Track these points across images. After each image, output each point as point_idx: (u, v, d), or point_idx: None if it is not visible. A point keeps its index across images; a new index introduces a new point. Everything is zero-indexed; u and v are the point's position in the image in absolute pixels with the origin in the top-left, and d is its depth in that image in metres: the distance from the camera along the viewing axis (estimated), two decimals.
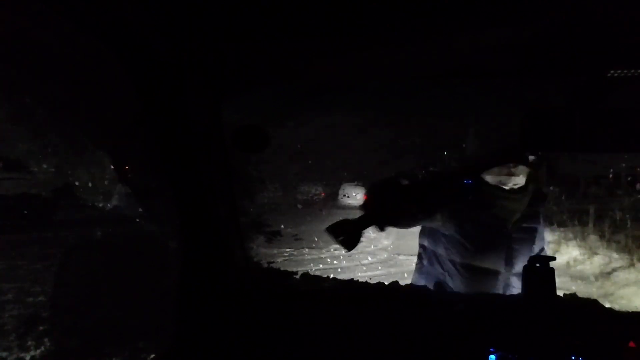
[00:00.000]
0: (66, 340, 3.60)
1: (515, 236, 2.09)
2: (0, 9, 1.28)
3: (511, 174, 2.04)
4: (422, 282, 2.19)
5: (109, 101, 1.74)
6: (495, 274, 2.05)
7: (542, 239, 2.22)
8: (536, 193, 2.16)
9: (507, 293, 2.02)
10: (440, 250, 2.17)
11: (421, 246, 2.31)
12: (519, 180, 2.05)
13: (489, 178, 2.08)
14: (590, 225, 9.70)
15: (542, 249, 2.20)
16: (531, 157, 2.06)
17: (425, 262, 2.27)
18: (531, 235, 2.15)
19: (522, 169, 2.04)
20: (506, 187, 2.06)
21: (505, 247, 2.07)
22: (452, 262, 2.10)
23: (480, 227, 2.06)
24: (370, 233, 2.17)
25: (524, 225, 2.12)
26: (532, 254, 2.08)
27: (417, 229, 2.30)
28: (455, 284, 2.08)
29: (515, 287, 2.04)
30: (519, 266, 2.04)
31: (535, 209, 2.17)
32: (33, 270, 6.48)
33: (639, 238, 8.59)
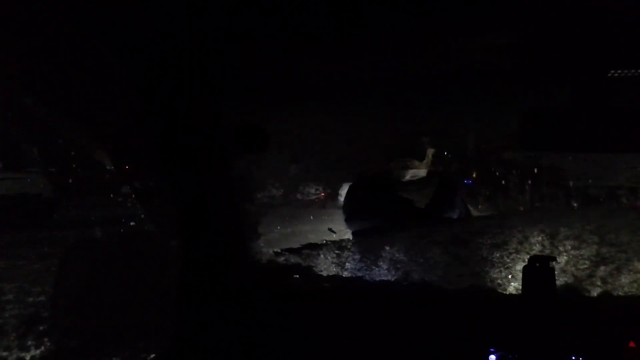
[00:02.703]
0: (66, 340, 3.60)
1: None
2: (0, 9, 1.28)
3: (407, 167, 2.18)
4: None
5: (109, 101, 1.74)
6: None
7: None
8: (444, 183, 2.30)
9: None
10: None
11: None
12: (418, 172, 2.19)
13: (391, 173, 2.23)
14: (591, 225, 9.67)
15: None
16: (431, 150, 2.22)
17: None
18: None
19: (420, 162, 2.18)
20: (404, 180, 2.19)
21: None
22: None
23: (387, 219, 2.19)
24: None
25: (434, 214, 2.24)
26: None
27: None
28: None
29: None
30: None
31: (447, 198, 2.29)
32: (33, 270, 6.47)
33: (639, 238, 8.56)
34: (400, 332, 1.47)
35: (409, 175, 2.20)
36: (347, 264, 2.14)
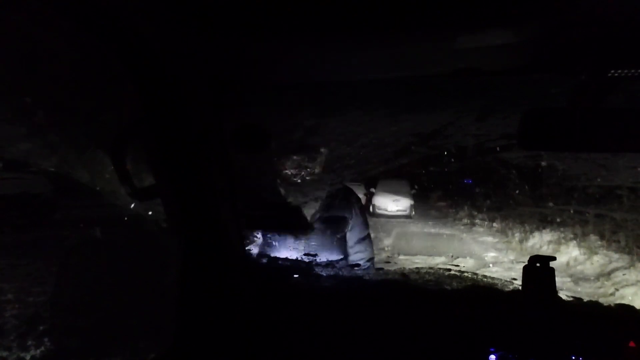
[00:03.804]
0: (66, 340, 3.60)
1: (317, 227, 2.30)
2: (0, 9, 1.28)
3: (300, 166, 2.22)
4: None
5: (109, 101, 1.74)
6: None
7: (359, 225, 2.40)
8: (335, 181, 2.39)
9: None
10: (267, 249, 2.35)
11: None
12: (312, 171, 2.25)
13: (287, 172, 2.26)
14: (591, 225, 9.69)
15: (366, 237, 2.42)
16: (323, 150, 2.27)
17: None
18: (335, 224, 2.33)
19: (316, 162, 2.23)
20: (299, 181, 2.25)
21: (303, 237, 2.28)
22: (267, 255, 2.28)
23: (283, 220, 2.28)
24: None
25: (326, 215, 2.31)
26: (339, 239, 2.34)
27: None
28: None
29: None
30: (323, 252, 2.26)
31: (341, 199, 2.38)
32: (33, 270, 6.47)
33: (639, 238, 8.58)
34: (400, 332, 1.47)
35: (303, 174, 2.25)
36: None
